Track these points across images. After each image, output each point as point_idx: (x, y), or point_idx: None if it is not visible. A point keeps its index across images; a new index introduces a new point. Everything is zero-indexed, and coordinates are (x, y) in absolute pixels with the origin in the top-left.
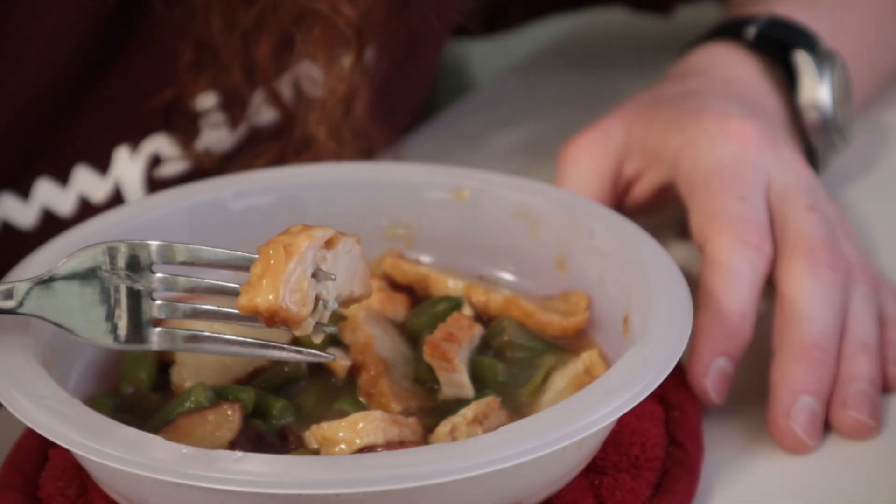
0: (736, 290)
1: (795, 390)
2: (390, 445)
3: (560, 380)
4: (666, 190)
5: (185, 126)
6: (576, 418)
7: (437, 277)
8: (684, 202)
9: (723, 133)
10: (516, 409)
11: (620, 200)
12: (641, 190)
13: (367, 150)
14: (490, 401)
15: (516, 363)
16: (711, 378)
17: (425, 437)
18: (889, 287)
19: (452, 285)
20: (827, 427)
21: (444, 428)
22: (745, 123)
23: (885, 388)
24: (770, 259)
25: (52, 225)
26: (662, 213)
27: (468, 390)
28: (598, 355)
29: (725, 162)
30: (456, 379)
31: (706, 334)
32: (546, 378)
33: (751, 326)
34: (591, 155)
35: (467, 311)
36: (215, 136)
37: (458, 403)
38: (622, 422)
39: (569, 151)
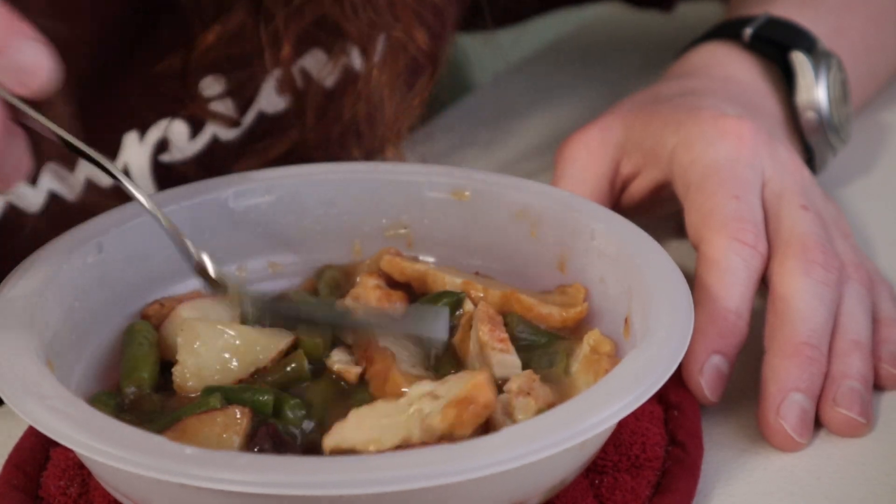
0: (731, 289)
1: (785, 388)
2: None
3: (572, 364)
4: (662, 189)
5: (192, 112)
6: (579, 420)
7: (434, 274)
8: (680, 201)
9: (718, 132)
10: (554, 382)
11: (617, 199)
12: (638, 188)
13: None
14: (529, 373)
15: (525, 353)
16: (706, 376)
17: None
18: (884, 285)
19: (450, 281)
20: (820, 425)
21: None
22: (741, 123)
23: (879, 387)
24: (764, 258)
25: (57, 207)
26: (658, 212)
27: (518, 367)
28: (600, 333)
29: (720, 161)
30: (508, 360)
31: (701, 332)
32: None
33: (745, 324)
34: (589, 153)
35: (468, 306)
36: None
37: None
38: (622, 422)
39: (566, 149)
